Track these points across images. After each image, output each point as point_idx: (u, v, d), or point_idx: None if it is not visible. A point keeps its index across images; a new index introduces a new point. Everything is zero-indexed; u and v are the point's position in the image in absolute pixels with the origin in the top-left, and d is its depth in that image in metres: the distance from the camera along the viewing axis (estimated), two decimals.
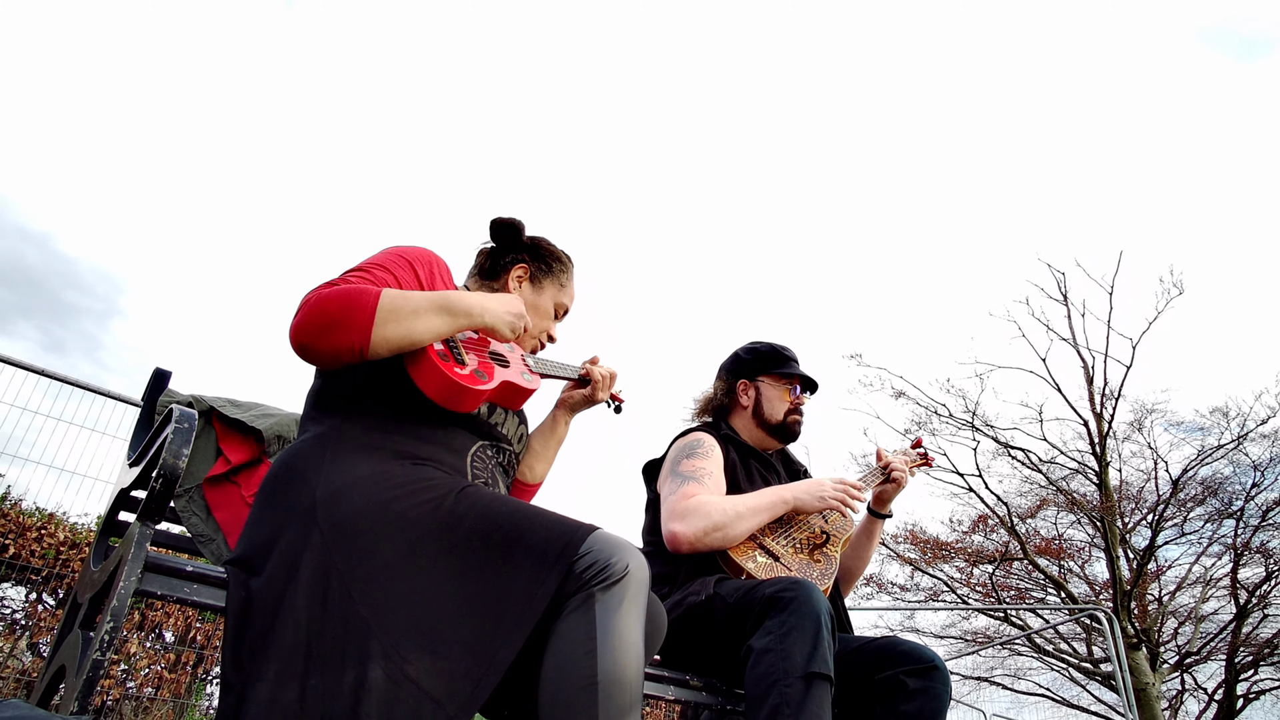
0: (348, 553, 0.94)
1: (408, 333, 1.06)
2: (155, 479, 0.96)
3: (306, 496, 1.00)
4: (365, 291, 1.04)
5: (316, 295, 1.03)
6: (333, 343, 1.02)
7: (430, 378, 1.11)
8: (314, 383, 1.21)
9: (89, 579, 1.14)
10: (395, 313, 1.04)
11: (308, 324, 1.01)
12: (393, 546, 0.95)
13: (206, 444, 1.58)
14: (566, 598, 0.95)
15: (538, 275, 1.47)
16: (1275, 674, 9.81)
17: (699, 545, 1.57)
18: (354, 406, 1.13)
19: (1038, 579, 11.00)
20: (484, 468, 1.21)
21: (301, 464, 1.06)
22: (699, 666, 1.52)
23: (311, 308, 1.02)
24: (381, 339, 1.04)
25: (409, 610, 0.90)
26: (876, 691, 1.50)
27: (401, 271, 1.18)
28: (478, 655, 0.87)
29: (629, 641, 0.93)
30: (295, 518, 0.99)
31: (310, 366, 1.16)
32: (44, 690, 1.07)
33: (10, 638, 3.47)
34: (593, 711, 0.88)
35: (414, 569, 0.93)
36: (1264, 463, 9.64)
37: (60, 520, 3.67)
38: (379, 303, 1.03)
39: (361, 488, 1.01)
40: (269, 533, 0.99)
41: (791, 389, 1.93)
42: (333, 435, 1.09)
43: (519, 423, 1.37)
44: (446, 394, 1.12)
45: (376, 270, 1.14)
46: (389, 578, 0.92)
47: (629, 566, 0.96)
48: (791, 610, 1.30)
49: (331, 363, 1.06)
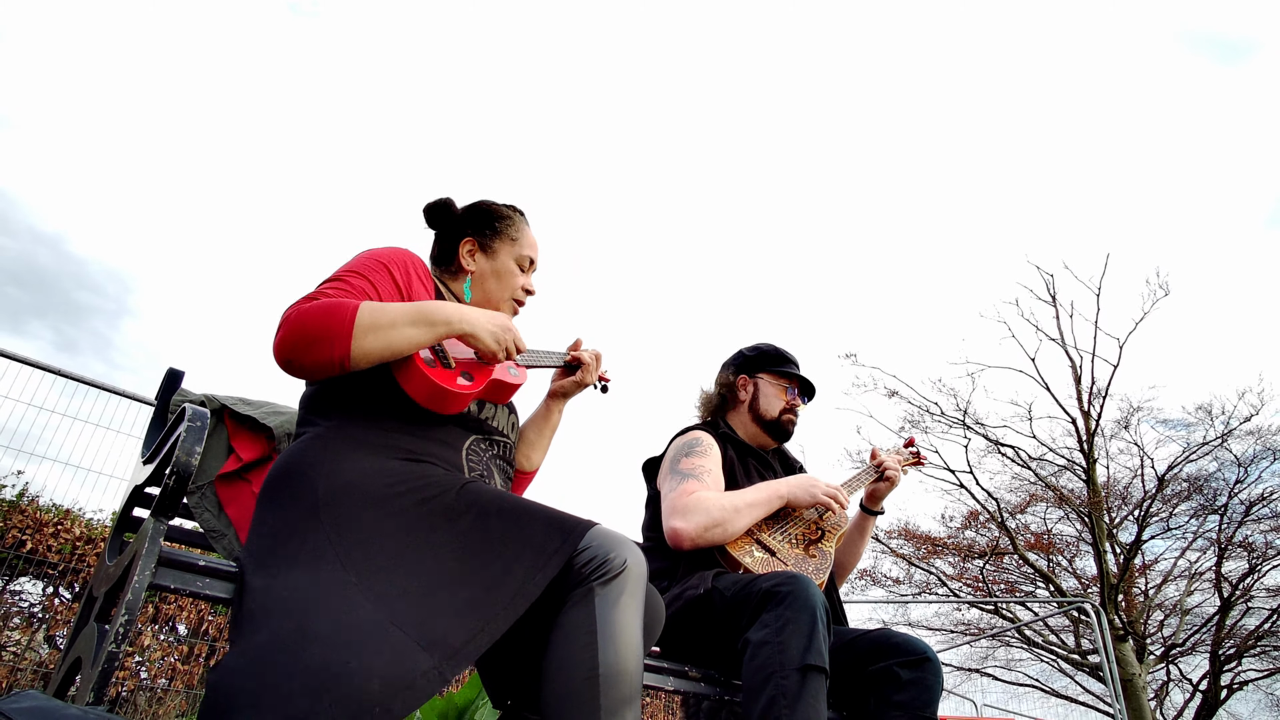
0: (350, 544, 0.94)
1: (387, 344, 1.05)
2: (169, 476, 0.96)
3: (310, 494, 1.00)
4: (343, 306, 1.03)
5: (296, 311, 1.03)
6: (314, 358, 1.01)
7: (416, 383, 1.11)
8: (309, 384, 1.21)
9: (104, 573, 1.14)
10: (374, 326, 1.03)
11: (289, 341, 1.01)
12: (394, 538, 0.95)
13: (219, 442, 1.57)
14: (567, 592, 0.95)
15: (486, 242, 1.40)
16: (1258, 665, 9.81)
17: (699, 541, 1.57)
18: (350, 406, 1.13)
19: (1027, 573, 11.00)
20: (479, 461, 1.21)
21: (303, 463, 1.05)
22: (697, 658, 1.52)
23: (292, 325, 1.01)
24: (361, 352, 1.03)
25: (403, 585, 0.90)
26: (871, 682, 1.50)
27: (378, 277, 1.16)
28: (470, 619, 0.87)
29: (628, 634, 0.93)
30: (299, 514, 0.98)
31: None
32: (60, 681, 1.07)
33: (28, 630, 3.47)
34: (595, 702, 0.88)
35: (413, 558, 0.93)
36: (1247, 459, 9.64)
37: (76, 516, 3.67)
38: (357, 317, 1.02)
39: (364, 484, 1.01)
40: (272, 530, 0.99)
41: (789, 389, 1.93)
42: (332, 434, 1.09)
43: (509, 413, 1.36)
44: (431, 398, 1.12)
45: (353, 279, 1.13)
46: (388, 563, 0.92)
47: (627, 561, 0.96)
48: (788, 604, 1.30)
49: (316, 376, 1.05)
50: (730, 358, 2.04)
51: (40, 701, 0.72)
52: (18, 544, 3.33)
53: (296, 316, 1.02)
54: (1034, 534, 11.11)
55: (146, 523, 0.95)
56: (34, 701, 0.72)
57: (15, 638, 3.45)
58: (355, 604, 0.86)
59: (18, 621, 3.47)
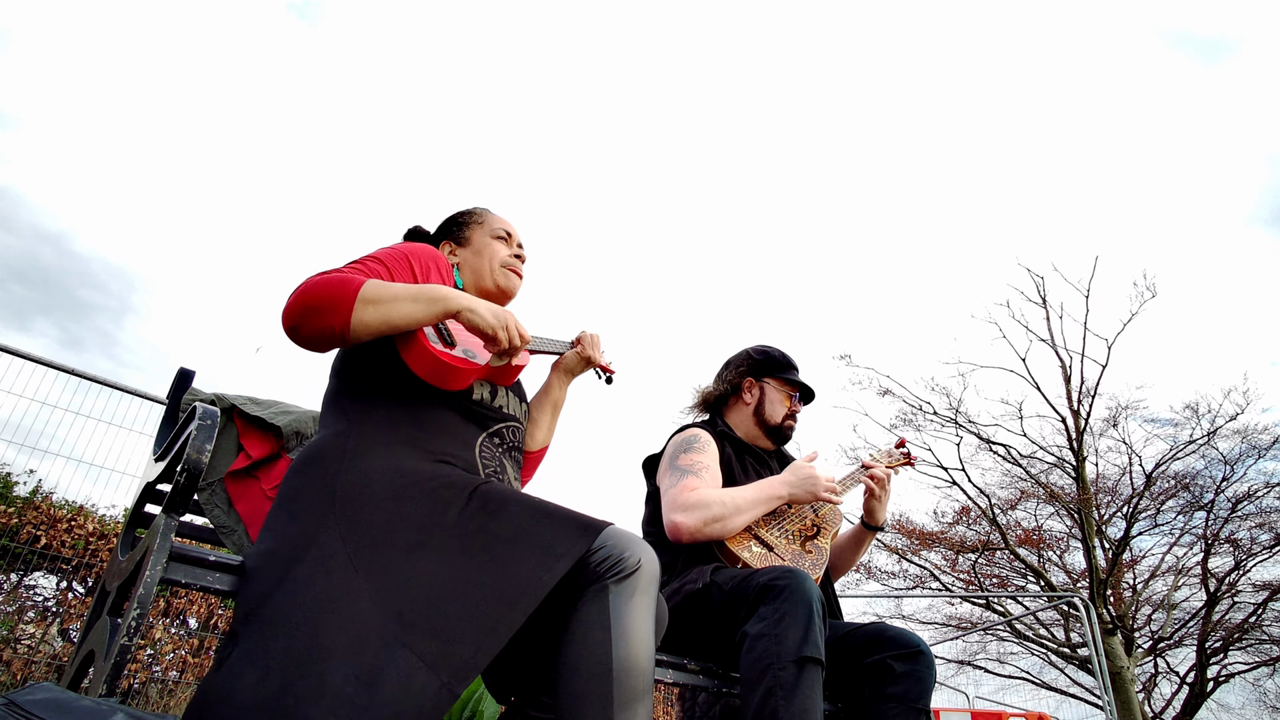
0: (359, 539, 0.94)
1: (385, 317, 1.07)
2: (180, 473, 0.96)
3: (326, 490, 1.00)
4: (349, 280, 1.06)
5: (308, 282, 1.06)
6: (315, 325, 1.04)
7: (418, 358, 1.12)
8: (330, 385, 1.22)
9: (117, 568, 1.14)
10: (375, 299, 1.06)
11: (295, 308, 1.04)
12: (404, 535, 0.95)
13: (228, 440, 1.57)
14: (582, 589, 0.95)
15: (459, 235, 1.45)
16: (1244, 658, 9.81)
17: (699, 535, 1.57)
18: (369, 406, 1.14)
19: (1018, 568, 11.00)
20: (492, 457, 1.21)
21: (321, 460, 1.06)
22: (696, 651, 1.52)
23: (300, 294, 1.05)
24: (360, 323, 1.05)
25: (412, 584, 0.90)
26: (865, 675, 1.50)
27: (396, 264, 1.19)
28: (476, 627, 0.87)
29: (641, 631, 0.94)
30: (313, 508, 0.99)
31: (314, 356, 1.16)
32: (74, 674, 1.07)
33: (42, 624, 3.47)
34: (608, 697, 0.89)
35: (422, 556, 0.93)
36: (1233, 457, 9.64)
37: (89, 512, 3.67)
38: (360, 291, 1.05)
39: (379, 483, 1.01)
40: (286, 526, 0.99)
41: (793, 396, 1.94)
42: (351, 432, 1.09)
43: (520, 401, 1.37)
44: (433, 372, 1.13)
45: (371, 263, 1.16)
46: (397, 560, 0.92)
47: (641, 561, 0.96)
48: (785, 597, 1.30)
49: (318, 344, 1.07)
50: (736, 358, 2.04)
51: (54, 693, 0.72)
52: (32, 539, 3.32)
53: (306, 287, 1.05)
54: (1024, 530, 11.11)
55: (158, 519, 0.95)
56: (48, 694, 0.72)
57: (30, 631, 3.45)
58: (367, 615, 0.86)
59: (32, 615, 3.47)
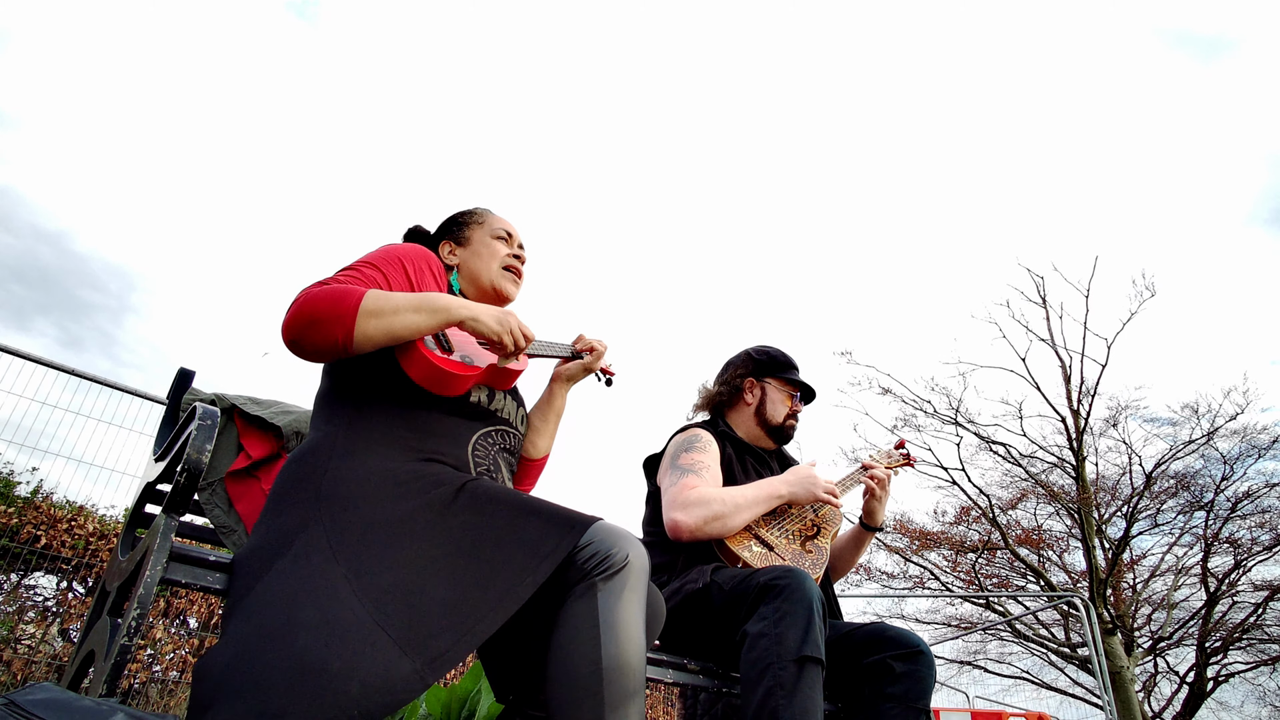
0: (345, 538, 0.93)
1: (388, 328, 1.06)
2: (180, 473, 0.96)
3: (313, 487, 1.00)
4: (350, 291, 1.05)
5: (306, 294, 1.05)
6: (318, 338, 1.03)
7: (416, 364, 1.12)
8: (322, 384, 1.21)
9: (117, 568, 1.13)
10: (377, 311, 1.05)
11: (297, 322, 1.03)
12: (388, 531, 0.94)
13: (228, 440, 1.57)
14: (570, 587, 0.94)
15: (459, 236, 1.44)
16: (1244, 658, 9.81)
17: (699, 534, 1.57)
18: (361, 406, 1.13)
19: (1018, 568, 10.99)
20: (485, 455, 1.20)
21: (310, 458, 1.06)
22: (696, 651, 1.52)
23: (300, 306, 1.03)
24: (363, 335, 1.04)
25: (393, 576, 0.89)
26: (865, 674, 1.50)
27: (391, 269, 1.18)
28: (456, 623, 0.86)
29: (631, 628, 0.93)
30: (300, 505, 0.98)
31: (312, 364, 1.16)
32: (74, 674, 1.07)
33: (42, 624, 3.47)
34: (599, 696, 0.88)
35: (406, 556, 0.92)
36: (1233, 456, 9.65)
37: (89, 512, 3.67)
38: (362, 303, 1.04)
39: (367, 482, 1.00)
40: (273, 524, 0.99)
41: (794, 396, 1.94)
42: (340, 433, 1.09)
43: (518, 406, 1.36)
44: (429, 378, 1.12)
45: (366, 269, 1.15)
46: (379, 553, 0.92)
47: (629, 556, 0.95)
48: (785, 597, 1.30)
49: (320, 357, 1.07)
50: (737, 358, 2.03)
51: (54, 693, 0.72)
52: (32, 539, 3.32)
53: (306, 299, 1.04)
54: (1024, 529, 11.11)
55: (158, 519, 0.95)
56: (48, 693, 0.72)
57: (30, 631, 3.45)
58: (343, 597, 0.86)
59: (32, 615, 3.47)
